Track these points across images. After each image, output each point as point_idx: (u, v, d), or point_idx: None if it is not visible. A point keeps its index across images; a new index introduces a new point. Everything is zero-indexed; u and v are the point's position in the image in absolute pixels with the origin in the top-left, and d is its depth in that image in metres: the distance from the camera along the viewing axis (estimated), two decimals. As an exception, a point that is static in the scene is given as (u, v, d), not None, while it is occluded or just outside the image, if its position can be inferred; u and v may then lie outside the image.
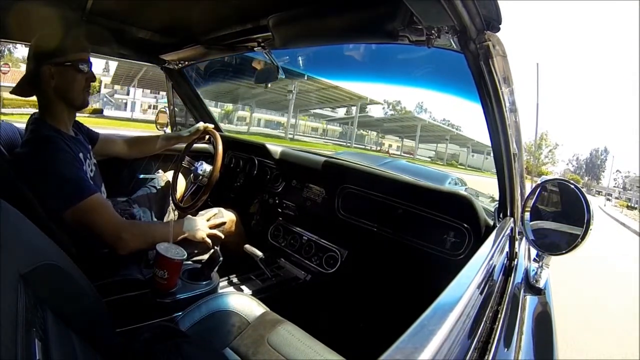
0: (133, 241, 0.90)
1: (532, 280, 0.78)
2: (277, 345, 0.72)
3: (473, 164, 18.08)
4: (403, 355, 0.25)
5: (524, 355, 0.51)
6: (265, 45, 1.20)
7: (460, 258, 0.96)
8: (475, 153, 18.83)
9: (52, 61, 0.87)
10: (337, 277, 1.24)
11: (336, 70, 1.93)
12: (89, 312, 0.55)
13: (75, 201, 0.83)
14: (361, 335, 1.07)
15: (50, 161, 0.84)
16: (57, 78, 0.88)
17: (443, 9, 0.55)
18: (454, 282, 0.39)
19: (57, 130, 0.90)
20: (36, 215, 0.77)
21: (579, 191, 0.75)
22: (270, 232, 1.49)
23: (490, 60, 0.62)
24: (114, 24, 1.19)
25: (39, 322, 0.39)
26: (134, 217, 1.24)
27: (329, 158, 1.41)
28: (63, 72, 0.89)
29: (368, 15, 0.78)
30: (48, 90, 0.89)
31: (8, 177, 0.77)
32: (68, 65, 0.89)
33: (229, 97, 15.41)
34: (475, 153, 18.91)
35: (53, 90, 0.89)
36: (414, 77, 1.40)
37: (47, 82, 0.87)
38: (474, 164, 17.99)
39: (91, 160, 0.99)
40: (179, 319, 0.79)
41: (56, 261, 0.49)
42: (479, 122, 0.73)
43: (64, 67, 0.89)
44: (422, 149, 19.56)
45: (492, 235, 0.65)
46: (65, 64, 0.89)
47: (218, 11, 1.08)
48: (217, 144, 1.41)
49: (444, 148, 20.04)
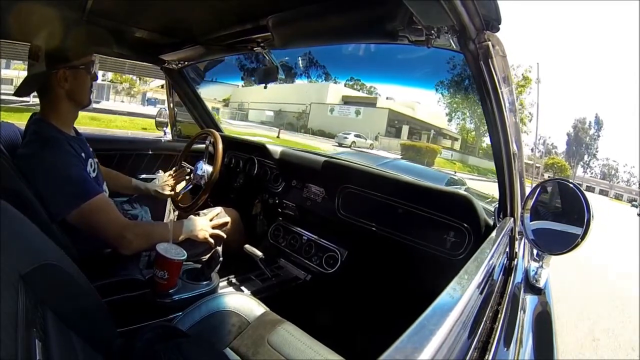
0: (136, 241, 0.90)
1: (532, 280, 0.78)
2: (277, 345, 0.72)
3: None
4: (403, 355, 0.25)
5: (524, 355, 0.51)
6: (265, 45, 1.20)
7: (460, 258, 0.96)
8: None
9: (68, 65, 0.88)
10: (337, 277, 1.24)
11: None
12: (89, 312, 0.55)
13: (80, 202, 0.84)
14: (361, 335, 1.07)
15: (54, 162, 0.84)
16: (71, 80, 0.89)
17: (442, 9, 0.55)
18: (454, 282, 0.39)
19: (59, 131, 0.90)
20: (36, 215, 0.77)
21: (579, 191, 0.75)
22: (270, 232, 1.49)
23: (489, 60, 0.62)
24: (114, 24, 1.19)
25: (39, 322, 0.39)
26: (135, 217, 1.24)
27: (329, 158, 1.41)
28: (77, 74, 0.90)
29: (368, 15, 0.78)
30: (59, 92, 0.89)
31: (9, 177, 0.77)
32: (82, 68, 0.91)
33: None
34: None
35: (65, 92, 0.90)
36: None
37: (61, 84, 0.88)
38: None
39: (93, 159, 0.99)
40: (179, 319, 0.79)
41: (56, 261, 0.49)
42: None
43: (78, 70, 0.90)
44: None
45: (492, 235, 0.65)
46: (80, 67, 0.90)
47: (218, 11, 1.08)
48: (217, 144, 1.41)
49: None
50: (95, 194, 0.86)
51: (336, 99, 17.76)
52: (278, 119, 18.39)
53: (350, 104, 17.35)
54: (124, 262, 0.95)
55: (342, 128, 15.05)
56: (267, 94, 18.60)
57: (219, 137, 1.44)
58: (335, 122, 16.56)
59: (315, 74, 16.00)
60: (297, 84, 17.76)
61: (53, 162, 0.84)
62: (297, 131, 16.91)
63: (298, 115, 18.39)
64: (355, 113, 17.00)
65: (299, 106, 17.97)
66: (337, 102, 17.66)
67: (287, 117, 18.53)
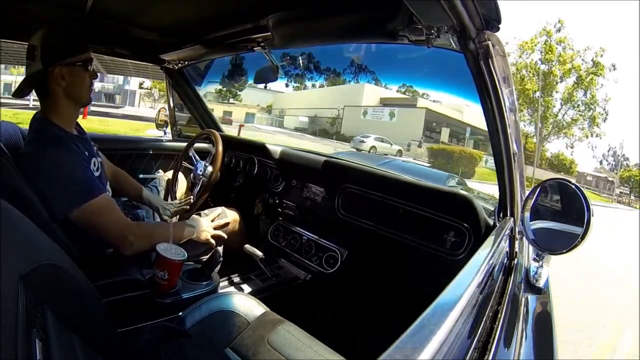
0: (138, 242, 0.90)
1: (532, 279, 0.78)
2: (277, 345, 0.72)
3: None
4: (403, 355, 0.25)
5: (524, 354, 0.51)
6: (265, 45, 1.20)
7: (460, 258, 0.96)
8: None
9: (64, 62, 0.87)
10: (337, 277, 1.24)
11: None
12: (89, 313, 0.55)
13: (83, 201, 0.83)
14: (361, 335, 1.07)
15: (58, 161, 0.84)
16: (68, 78, 0.88)
17: (442, 9, 0.55)
18: (454, 281, 0.40)
19: (63, 130, 0.90)
20: (37, 215, 0.77)
21: (579, 191, 0.75)
22: (270, 232, 1.49)
23: (490, 60, 0.62)
24: (114, 23, 1.19)
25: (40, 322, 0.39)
26: (137, 217, 1.24)
27: (329, 158, 1.41)
28: (73, 72, 0.89)
29: (368, 15, 0.78)
30: (57, 91, 0.89)
31: (9, 176, 0.77)
32: (79, 65, 0.90)
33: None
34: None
35: (63, 90, 0.89)
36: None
37: (58, 82, 0.87)
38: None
39: (97, 159, 0.98)
40: (179, 320, 0.79)
41: (56, 261, 0.49)
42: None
43: (74, 67, 0.89)
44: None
45: (492, 234, 0.65)
46: (76, 64, 0.89)
47: (218, 11, 1.08)
48: (217, 144, 1.41)
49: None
50: (98, 194, 0.86)
51: (372, 101, 16.20)
52: (313, 124, 17.59)
53: (388, 106, 15.83)
54: (125, 263, 0.95)
55: (370, 132, 12.92)
56: (307, 98, 17.98)
57: (219, 137, 1.44)
58: (365, 126, 14.72)
59: (365, 79, 14.99)
60: (337, 87, 16.73)
61: (56, 160, 0.83)
62: (326, 136, 15.64)
63: (331, 121, 17.36)
64: (390, 115, 15.45)
65: (333, 111, 16.84)
66: (373, 104, 16.13)
67: (321, 122, 17.61)
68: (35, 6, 1.01)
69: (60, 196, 0.82)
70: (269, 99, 20.27)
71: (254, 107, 20.18)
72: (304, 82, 18.17)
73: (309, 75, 15.38)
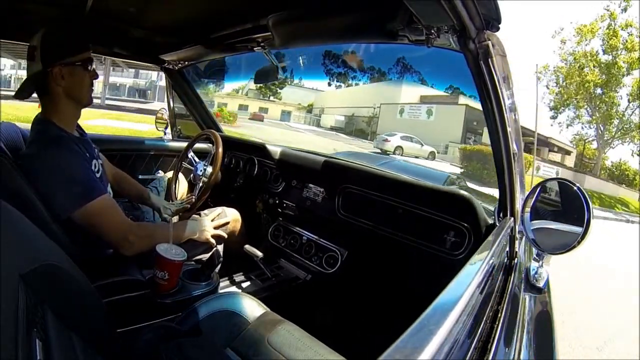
0: (139, 242, 0.90)
1: (532, 279, 0.78)
2: (277, 346, 0.72)
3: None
4: (403, 355, 0.25)
5: (524, 354, 0.51)
6: (265, 45, 1.20)
7: (460, 258, 0.96)
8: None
9: (63, 62, 0.87)
10: (337, 277, 1.24)
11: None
12: (89, 313, 0.55)
13: (85, 202, 0.83)
14: (361, 335, 1.07)
15: (60, 161, 0.83)
16: (68, 78, 0.88)
17: (442, 9, 0.55)
18: (454, 281, 0.40)
19: (64, 131, 0.90)
20: (37, 215, 0.77)
21: (579, 191, 0.75)
22: (270, 232, 1.49)
23: (489, 59, 0.62)
24: (114, 23, 1.19)
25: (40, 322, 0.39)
26: (138, 218, 1.24)
27: (329, 158, 1.41)
28: (73, 72, 0.89)
29: (368, 15, 0.78)
30: (57, 91, 0.88)
31: (9, 177, 0.77)
32: (78, 65, 0.90)
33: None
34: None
35: (63, 90, 0.89)
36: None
37: (57, 82, 0.87)
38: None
39: (97, 160, 0.98)
40: (179, 320, 0.79)
41: (56, 261, 0.49)
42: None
43: (74, 66, 0.89)
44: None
45: (492, 234, 0.65)
46: (75, 64, 0.89)
47: (218, 11, 1.08)
48: (217, 144, 1.41)
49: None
50: (99, 194, 0.86)
51: (411, 98, 14.91)
52: (349, 123, 16.82)
53: (427, 103, 14.37)
54: (125, 263, 0.95)
55: (397, 130, 11.56)
56: (347, 96, 17.15)
57: (219, 138, 1.44)
58: (402, 125, 13.32)
59: (410, 80, 14.36)
60: (377, 84, 15.92)
61: (57, 161, 0.83)
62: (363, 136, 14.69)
63: (367, 119, 16.49)
64: (427, 113, 14.10)
65: (369, 109, 15.94)
66: (411, 101, 14.81)
67: (357, 121, 16.80)
68: (35, 6, 1.01)
69: (62, 197, 0.82)
70: (311, 98, 19.82)
71: (294, 105, 19.84)
72: (347, 81, 17.67)
73: (352, 74, 15.12)
